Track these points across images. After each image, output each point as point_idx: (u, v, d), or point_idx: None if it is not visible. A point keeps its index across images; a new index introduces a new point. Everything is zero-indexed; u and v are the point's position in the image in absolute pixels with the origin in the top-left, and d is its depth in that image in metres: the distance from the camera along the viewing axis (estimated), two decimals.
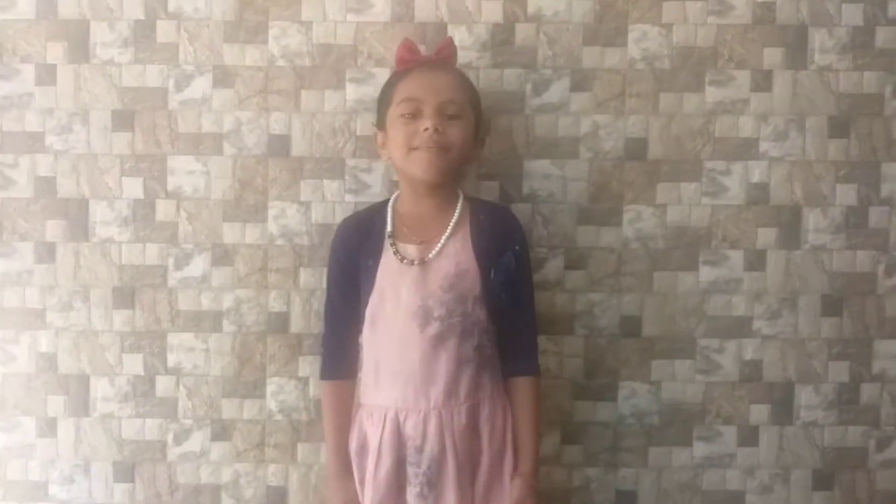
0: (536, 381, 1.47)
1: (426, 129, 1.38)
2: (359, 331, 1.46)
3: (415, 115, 1.40)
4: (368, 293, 1.42)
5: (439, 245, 1.41)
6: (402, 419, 1.40)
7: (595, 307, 1.62)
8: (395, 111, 1.42)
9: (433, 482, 1.38)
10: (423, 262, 1.40)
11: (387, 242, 1.42)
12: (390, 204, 1.47)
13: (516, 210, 1.56)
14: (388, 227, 1.44)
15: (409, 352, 1.39)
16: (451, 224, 1.42)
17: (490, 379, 1.43)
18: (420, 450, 1.38)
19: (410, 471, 1.39)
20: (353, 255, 1.44)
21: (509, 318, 1.44)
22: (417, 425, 1.39)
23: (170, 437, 1.61)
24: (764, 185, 1.61)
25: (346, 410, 1.47)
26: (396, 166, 1.46)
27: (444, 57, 1.48)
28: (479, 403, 1.41)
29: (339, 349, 1.48)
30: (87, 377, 1.61)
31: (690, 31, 1.60)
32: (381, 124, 1.47)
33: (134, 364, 1.61)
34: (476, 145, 1.47)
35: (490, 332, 1.43)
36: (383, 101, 1.46)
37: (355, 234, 1.46)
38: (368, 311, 1.43)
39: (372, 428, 1.42)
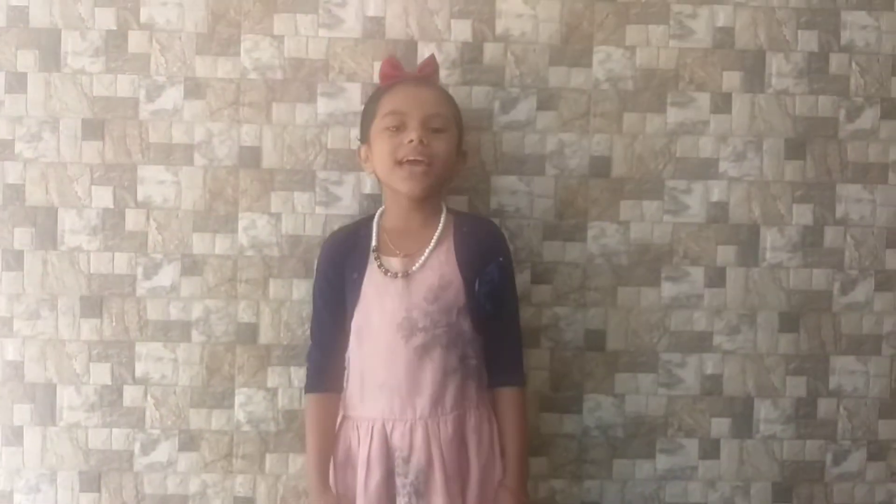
0: (522, 392, 1.48)
1: (411, 141, 1.39)
2: (345, 345, 1.46)
3: (399, 128, 1.41)
4: (354, 306, 1.43)
5: (423, 258, 1.42)
6: (388, 430, 1.40)
7: (560, 321, 1.62)
8: (379, 124, 1.43)
9: (421, 492, 1.38)
10: (407, 275, 1.41)
11: (371, 256, 1.43)
12: (375, 219, 1.48)
13: None
14: (373, 242, 1.44)
15: (394, 363, 1.40)
16: (435, 237, 1.43)
17: (476, 389, 1.44)
18: (407, 460, 1.38)
19: (398, 481, 1.39)
20: (339, 269, 1.45)
21: (494, 330, 1.45)
22: (404, 436, 1.39)
23: (137, 447, 1.59)
24: (723, 205, 1.63)
25: (330, 424, 1.46)
26: (381, 180, 1.47)
27: (426, 73, 1.51)
28: (465, 413, 1.42)
29: (325, 362, 1.47)
30: (54, 386, 1.59)
31: (653, 54, 1.62)
32: (364, 138, 1.48)
33: (101, 373, 1.59)
34: (458, 159, 1.48)
35: (475, 343, 1.44)
36: (367, 114, 1.47)
37: (341, 248, 1.47)
38: (354, 324, 1.43)
39: (359, 440, 1.42)
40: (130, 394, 1.60)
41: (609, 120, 1.62)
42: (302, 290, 1.60)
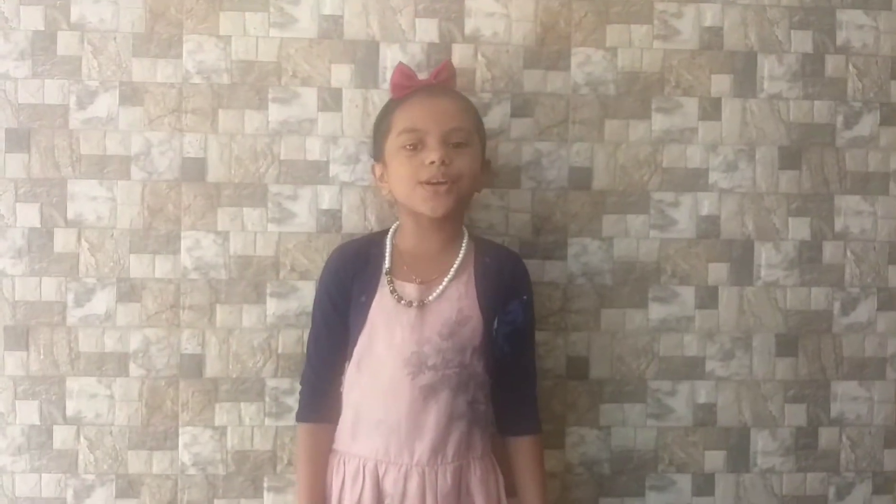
0: (539, 440, 1.42)
1: (432, 163, 1.32)
2: (343, 370, 1.39)
3: (417, 147, 1.34)
4: (358, 332, 1.36)
5: (441, 287, 1.35)
6: (381, 473, 1.33)
7: (539, 347, 1.54)
8: (394, 142, 1.36)
9: None
10: (423, 305, 1.34)
11: (384, 279, 1.36)
12: (389, 236, 1.40)
13: None
14: (386, 263, 1.37)
15: (396, 401, 1.33)
16: (456, 265, 1.37)
17: (481, 438, 1.38)
18: None
19: None
20: (347, 288, 1.38)
21: (510, 373, 1.39)
22: (397, 482, 1.32)
23: (69, 495, 1.50)
24: (714, 218, 1.59)
25: (322, 457, 1.39)
26: (399, 201, 1.39)
27: (442, 80, 1.42)
28: (469, 464, 1.35)
29: (322, 389, 1.40)
30: None
31: (636, 56, 1.57)
32: (378, 156, 1.41)
33: (29, 412, 1.50)
34: (483, 171, 1.41)
35: (486, 386, 1.37)
36: (380, 130, 1.40)
37: (351, 265, 1.39)
38: (356, 352, 1.36)
39: (346, 479, 1.35)
40: (61, 435, 1.51)
41: (589, 127, 1.57)
42: (253, 317, 1.52)
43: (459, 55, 1.54)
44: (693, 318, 1.58)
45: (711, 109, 1.58)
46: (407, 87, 1.39)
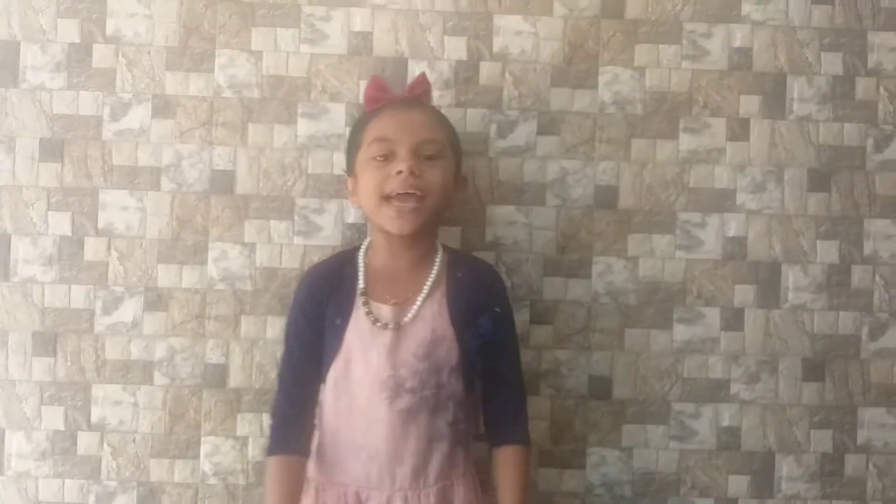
0: (525, 451, 1.36)
1: (399, 173, 1.28)
2: (317, 398, 1.34)
3: (388, 158, 1.30)
4: (332, 355, 1.31)
5: (415, 307, 1.31)
6: (363, 499, 1.29)
7: (562, 366, 1.54)
8: (365, 154, 1.32)
9: None
10: (398, 327, 1.30)
11: (359, 300, 1.32)
12: (361, 254, 1.36)
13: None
14: (361, 284, 1.33)
15: (375, 426, 1.29)
16: (429, 283, 1.33)
17: (464, 457, 1.34)
18: None
19: None
20: (321, 310, 1.33)
21: (492, 386, 1.35)
22: None
23: (91, 501, 1.50)
24: (741, 240, 1.56)
25: (296, 492, 1.31)
26: (368, 217, 1.37)
27: (417, 94, 1.40)
28: (452, 485, 1.31)
29: (295, 418, 1.32)
30: (3, 431, 1.50)
31: (664, 76, 1.56)
32: (350, 169, 1.38)
33: (54, 418, 1.50)
34: (457, 187, 1.38)
35: (467, 404, 1.33)
36: (353, 143, 1.37)
37: (325, 286, 1.34)
38: (331, 376, 1.31)
39: None
40: (85, 441, 1.51)
41: (616, 146, 1.55)
42: (277, 329, 1.51)
43: (487, 73, 1.53)
44: (718, 340, 1.55)
45: (740, 130, 1.56)
46: (380, 100, 1.37)
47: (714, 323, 1.55)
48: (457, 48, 1.54)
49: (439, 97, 1.52)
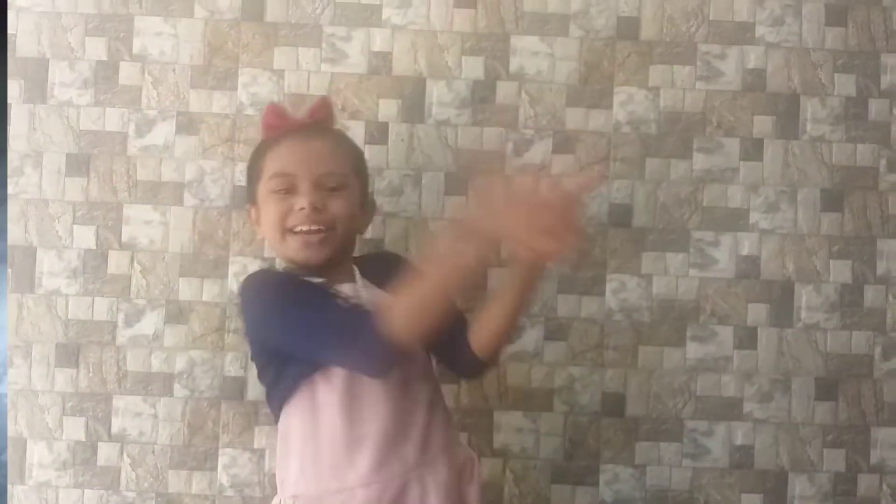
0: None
1: (302, 209, 1.24)
2: None
3: (289, 191, 1.25)
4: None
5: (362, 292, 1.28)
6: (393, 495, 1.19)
7: (575, 382, 1.54)
8: (266, 186, 1.27)
9: None
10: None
11: (323, 285, 1.25)
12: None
13: None
14: (317, 279, 1.25)
15: (382, 408, 1.21)
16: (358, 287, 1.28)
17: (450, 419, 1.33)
18: None
19: None
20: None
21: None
22: (413, 497, 1.20)
23: None
24: (754, 259, 1.56)
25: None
26: (273, 248, 1.33)
27: (318, 119, 1.34)
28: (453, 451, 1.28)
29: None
30: (25, 441, 1.50)
31: (678, 96, 1.57)
32: (251, 198, 1.32)
33: (75, 428, 1.51)
34: (365, 212, 1.33)
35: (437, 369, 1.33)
36: (252, 172, 1.32)
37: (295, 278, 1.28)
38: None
39: None
40: (105, 452, 1.51)
41: (630, 165, 1.56)
42: None
43: (504, 92, 1.54)
44: (731, 359, 1.55)
45: (753, 150, 1.56)
46: (279, 128, 1.31)
47: (727, 341, 1.55)
48: (474, 68, 1.55)
49: (457, 116, 1.53)
